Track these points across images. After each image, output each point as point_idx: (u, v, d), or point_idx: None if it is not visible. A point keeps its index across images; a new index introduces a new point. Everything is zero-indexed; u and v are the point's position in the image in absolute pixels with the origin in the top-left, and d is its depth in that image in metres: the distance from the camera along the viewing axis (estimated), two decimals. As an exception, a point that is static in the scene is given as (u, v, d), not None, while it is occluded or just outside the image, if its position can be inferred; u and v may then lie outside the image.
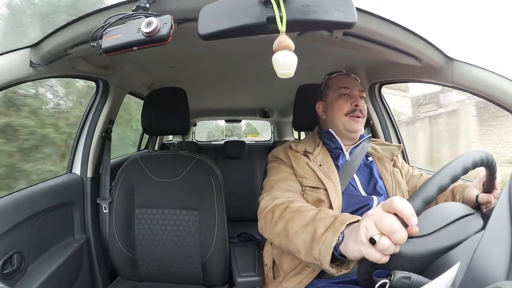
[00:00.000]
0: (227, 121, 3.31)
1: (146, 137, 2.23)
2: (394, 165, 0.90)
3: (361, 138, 0.89)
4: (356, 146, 0.87)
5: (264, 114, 2.51)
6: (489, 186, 0.65)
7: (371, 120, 1.30)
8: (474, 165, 0.50)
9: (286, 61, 0.39)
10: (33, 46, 0.70)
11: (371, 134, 1.09)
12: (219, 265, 1.02)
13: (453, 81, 0.79)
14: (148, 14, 0.49)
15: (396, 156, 0.92)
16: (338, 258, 0.51)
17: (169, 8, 0.55)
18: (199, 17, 0.43)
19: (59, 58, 0.73)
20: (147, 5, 0.51)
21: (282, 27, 0.39)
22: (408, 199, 0.43)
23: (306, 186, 0.78)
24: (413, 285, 0.40)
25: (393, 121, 1.31)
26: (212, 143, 3.08)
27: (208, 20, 0.42)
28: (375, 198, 0.77)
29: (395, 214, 0.41)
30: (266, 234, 0.70)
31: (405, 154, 1.26)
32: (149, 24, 0.45)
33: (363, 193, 0.80)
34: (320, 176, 0.77)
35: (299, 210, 0.63)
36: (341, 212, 0.73)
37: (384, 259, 0.41)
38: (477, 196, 0.67)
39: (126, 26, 0.48)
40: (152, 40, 0.45)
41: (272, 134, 3.11)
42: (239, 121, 3.25)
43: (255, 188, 2.11)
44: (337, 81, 0.89)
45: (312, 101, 0.95)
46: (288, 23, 0.39)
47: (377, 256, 0.41)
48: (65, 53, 0.72)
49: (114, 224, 1.04)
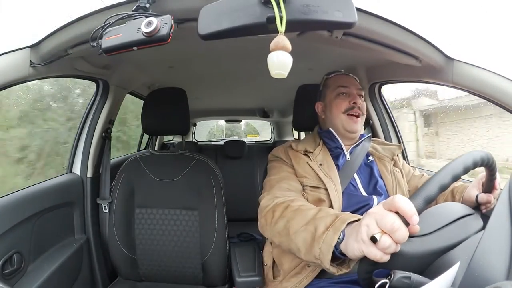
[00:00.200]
0: (227, 121, 3.31)
1: (146, 137, 2.23)
2: (395, 165, 0.90)
3: (361, 138, 0.89)
4: (357, 146, 0.87)
5: (264, 114, 2.51)
6: (489, 186, 0.65)
7: (371, 120, 1.30)
8: (475, 165, 0.50)
9: (281, 61, 0.39)
10: (33, 46, 0.70)
11: (371, 134, 1.09)
12: (219, 265, 1.02)
13: (453, 81, 0.79)
14: (148, 14, 0.49)
15: (397, 156, 0.92)
16: (339, 257, 0.51)
17: (169, 8, 0.55)
18: (199, 17, 0.43)
19: (59, 58, 0.73)
20: (147, 5, 0.51)
21: (281, 28, 0.39)
22: (410, 198, 0.43)
23: (307, 186, 0.78)
24: (413, 285, 0.40)
25: (393, 121, 1.31)
26: (212, 143, 3.08)
27: (208, 20, 0.42)
28: (375, 198, 0.77)
29: (397, 213, 0.41)
30: (267, 233, 0.70)
31: (405, 154, 1.26)
32: (149, 24, 0.45)
33: (363, 193, 0.80)
34: (321, 176, 0.77)
35: (300, 209, 0.63)
36: (342, 212, 0.74)
37: (385, 258, 0.41)
38: (477, 196, 0.67)
39: (126, 26, 0.48)
40: (152, 40, 0.45)
41: (272, 134, 3.11)
42: (239, 121, 3.25)
43: (255, 188, 2.11)
44: (335, 81, 0.89)
45: (312, 101, 0.95)
46: (288, 23, 0.39)
47: (378, 255, 0.40)
48: (65, 53, 0.72)
49: (114, 224, 1.04)
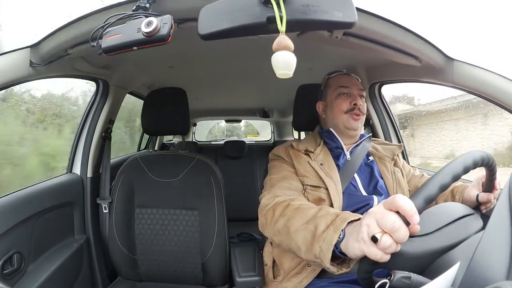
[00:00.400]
0: (227, 121, 3.31)
1: (146, 137, 2.23)
2: (395, 165, 0.90)
3: (362, 138, 0.89)
4: (357, 146, 0.87)
5: (264, 114, 2.51)
6: (489, 186, 0.65)
7: (371, 120, 1.30)
8: (475, 165, 0.50)
9: (286, 61, 0.39)
10: (33, 46, 0.70)
11: (371, 134, 1.09)
12: (219, 265, 1.02)
13: (453, 81, 0.79)
14: (148, 14, 0.49)
15: (397, 156, 0.92)
16: (339, 257, 0.51)
17: (169, 8, 0.55)
18: (199, 17, 0.43)
19: (59, 58, 0.73)
20: (147, 5, 0.51)
21: (282, 27, 0.39)
22: (410, 197, 0.43)
23: (307, 185, 0.78)
24: (413, 285, 0.40)
25: (393, 121, 1.31)
26: (212, 143, 3.08)
27: (208, 20, 0.42)
28: (376, 198, 0.77)
29: (397, 212, 0.41)
30: (267, 232, 0.70)
31: (405, 154, 1.26)
32: (149, 24, 0.45)
33: (364, 193, 0.80)
34: (321, 175, 0.78)
35: (300, 208, 0.63)
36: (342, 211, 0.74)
37: (385, 258, 0.41)
38: (478, 196, 0.67)
39: (126, 26, 0.47)
40: (152, 40, 0.45)
41: (272, 134, 3.11)
42: (239, 121, 3.25)
43: (255, 188, 2.11)
44: (337, 81, 0.89)
45: (312, 101, 0.95)
46: (288, 23, 0.39)
47: (379, 255, 0.41)
48: (65, 53, 0.72)
49: (114, 224, 1.04)
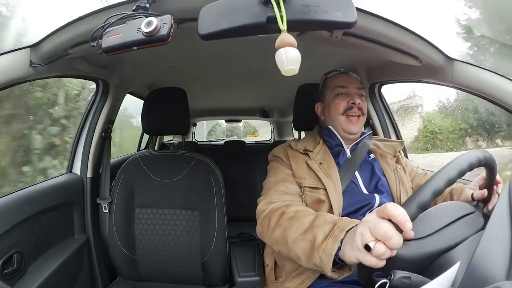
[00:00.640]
0: (227, 121, 3.31)
1: (146, 137, 2.23)
2: (397, 162, 0.87)
3: (363, 135, 0.87)
4: (358, 143, 0.85)
5: (264, 114, 2.51)
6: (489, 185, 0.64)
7: (371, 120, 1.30)
8: (471, 167, 0.49)
9: (291, 57, 0.38)
10: (33, 46, 0.70)
11: (372, 131, 1.08)
12: (219, 265, 1.02)
13: (453, 81, 0.79)
14: (148, 14, 0.48)
15: (399, 152, 0.90)
16: (339, 262, 0.51)
17: (169, 8, 0.55)
18: (199, 17, 0.43)
19: (59, 58, 0.72)
20: (147, 5, 0.51)
21: (284, 26, 0.39)
22: (403, 205, 0.43)
23: (305, 187, 0.77)
24: (413, 285, 0.40)
25: (393, 121, 1.31)
26: (212, 143, 3.08)
27: (208, 20, 0.42)
28: (377, 196, 0.76)
29: (390, 220, 0.41)
30: (265, 240, 0.71)
31: (405, 152, 1.26)
32: (149, 24, 0.45)
33: (365, 191, 0.79)
34: (320, 176, 0.76)
35: (296, 216, 0.62)
36: (342, 211, 0.73)
37: (381, 264, 0.42)
38: (473, 194, 0.67)
39: (126, 26, 0.47)
40: (152, 40, 0.45)
41: (272, 134, 3.11)
42: (239, 121, 3.26)
43: (255, 188, 2.11)
44: (334, 81, 0.87)
45: (312, 101, 0.95)
46: (288, 23, 0.39)
47: (373, 261, 0.42)
48: (65, 53, 0.72)
49: (114, 224, 1.04)
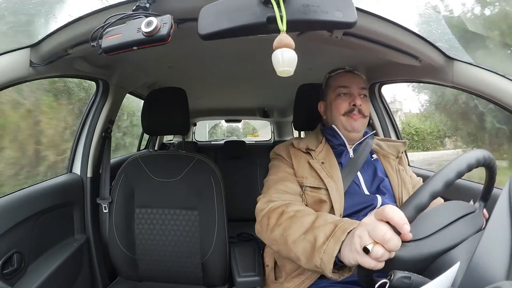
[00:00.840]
0: (227, 121, 3.32)
1: (146, 137, 2.23)
2: (400, 163, 0.86)
3: (365, 135, 0.86)
4: (360, 143, 0.84)
5: (264, 114, 2.51)
6: (490, 185, 0.64)
7: (371, 120, 1.30)
8: (470, 168, 0.48)
9: (286, 58, 0.39)
10: (33, 46, 0.70)
11: (375, 131, 1.07)
12: (219, 265, 1.02)
13: (453, 81, 0.79)
14: (148, 14, 0.49)
15: (402, 153, 0.89)
16: (339, 263, 0.51)
17: (169, 8, 0.55)
18: (199, 17, 0.43)
19: (59, 58, 0.72)
20: (147, 5, 0.51)
21: (283, 26, 0.39)
22: (400, 207, 0.43)
23: (306, 187, 0.76)
24: (413, 285, 0.40)
25: (393, 121, 1.31)
26: (212, 143, 3.08)
27: (208, 20, 0.42)
28: (379, 197, 0.75)
29: (389, 222, 0.41)
30: (264, 240, 0.70)
31: (406, 155, 1.26)
32: (149, 24, 0.45)
33: (367, 192, 0.78)
34: (322, 176, 0.75)
35: (296, 216, 0.62)
36: (344, 212, 0.72)
37: (380, 266, 0.42)
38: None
39: (126, 26, 0.47)
40: (152, 40, 0.45)
41: (272, 134, 3.11)
42: (239, 121, 3.26)
43: (255, 188, 2.11)
44: (337, 80, 0.86)
45: (312, 101, 0.94)
46: (288, 23, 0.39)
47: (372, 264, 0.42)
48: (65, 53, 0.72)
49: (114, 224, 1.04)
